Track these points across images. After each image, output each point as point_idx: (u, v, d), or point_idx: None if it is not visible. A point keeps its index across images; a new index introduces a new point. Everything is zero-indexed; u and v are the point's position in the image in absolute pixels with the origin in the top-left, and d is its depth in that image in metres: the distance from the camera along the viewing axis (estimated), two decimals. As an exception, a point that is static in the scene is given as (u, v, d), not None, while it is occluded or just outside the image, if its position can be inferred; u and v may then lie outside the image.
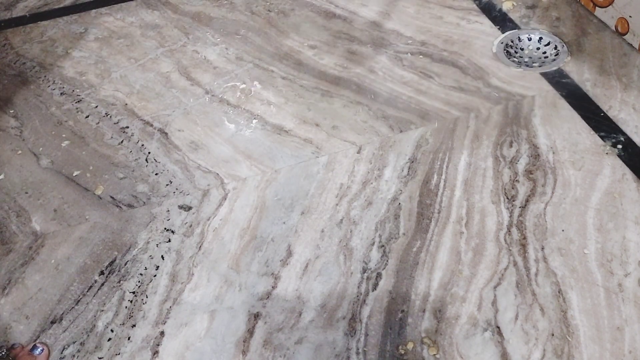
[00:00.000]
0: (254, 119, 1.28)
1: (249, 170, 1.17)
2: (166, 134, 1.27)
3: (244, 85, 1.37)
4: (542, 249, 0.96)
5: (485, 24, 1.48)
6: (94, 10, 1.71)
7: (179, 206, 1.11)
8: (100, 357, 0.90)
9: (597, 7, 1.41)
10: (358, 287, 0.94)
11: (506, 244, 0.97)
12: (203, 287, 0.97)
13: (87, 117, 1.34)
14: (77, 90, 1.41)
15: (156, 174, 1.18)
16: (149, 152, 1.23)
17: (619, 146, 1.10)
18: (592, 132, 1.14)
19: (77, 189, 1.17)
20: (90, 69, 1.48)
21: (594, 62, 1.31)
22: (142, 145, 1.25)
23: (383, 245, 1.00)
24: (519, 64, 1.34)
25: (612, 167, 1.07)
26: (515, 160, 1.11)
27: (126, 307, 0.96)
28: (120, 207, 1.13)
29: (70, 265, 1.03)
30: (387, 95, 1.30)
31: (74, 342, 0.92)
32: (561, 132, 1.15)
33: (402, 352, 0.85)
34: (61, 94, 1.41)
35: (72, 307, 0.96)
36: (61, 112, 1.35)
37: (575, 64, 1.31)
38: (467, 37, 1.44)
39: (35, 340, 0.92)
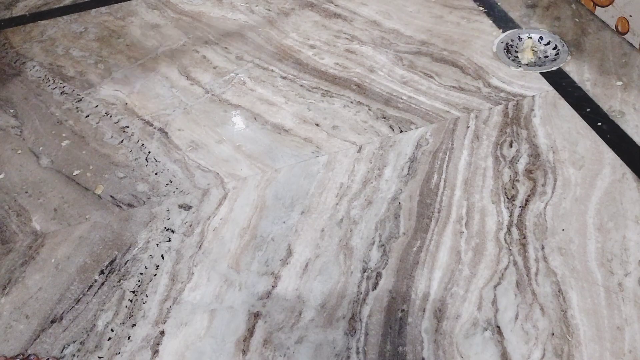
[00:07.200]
0: (254, 118, 1.28)
1: (249, 169, 1.17)
2: (166, 133, 1.27)
3: (244, 85, 1.37)
4: (542, 248, 0.96)
5: (486, 23, 1.48)
6: (94, 10, 1.71)
7: (179, 205, 1.11)
8: (100, 356, 0.90)
9: (597, 7, 1.41)
10: (358, 286, 0.94)
11: (506, 243, 0.97)
12: (203, 287, 0.97)
13: (87, 116, 1.34)
14: (77, 89, 1.41)
15: (156, 174, 1.18)
16: (149, 152, 1.23)
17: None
18: (592, 131, 1.14)
19: (77, 189, 1.17)
20: (90, 69, 1.48)
21: (594, 61, 1.31)
22: (142, 144, 1.25)
23: (383, 245, 1.00)
24: (519, 63, 1.34)
25: (612, 166, 1.07)
26: (515, 160, 1.11)
27: (126, 306, 0.96)
28: (120, 206, 1.13)
29: (71, 265, 1.03)
30: (387, 95, 1.30)
31: (74, 342, 0.92)
32: (561, 131, 1.15)
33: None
34: (61, 93, 1.41)
35: (72, 307, 0.96)
36: (61, 112, 1.35)
37: (575, 63, 1.31)
38: (467, 37, 1.44)
39: (33, 341, 0.92)
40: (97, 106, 1.36)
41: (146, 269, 1.01)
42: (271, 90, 1.35)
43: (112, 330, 0.93)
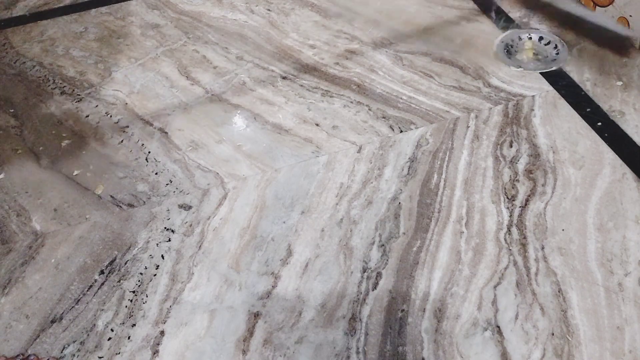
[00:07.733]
0: (254, 118, 1.28)
1: (249, 169, 1.17)
2: (166, 133, 1.27)
3: (244, 85, 1.37)
4: (542, 248, 0.96)
5: (486, 23, 1.48)
6: (93, 10, 1.70)
7: (179, 205, 1.11)
8: (100, 356, 0.90)
9: (597, 7, 1.41)
10: (358, 286, 0.94)
11: (506, 243, 0.97)
12: (203, 287, 0.97)
13: (87, 116, 1.34)
14: (77, 89, 1.41)
15: (156, 174, 1.18)
16: (149, 152, 1.23)
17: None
18: (592, 131, 1.14)
19: (77, 189, 1.17)
20: (90, 69, 1.48)
21: (594, 61, 1.31)
22: (142, 144, 1.25)
23: (383, 245, 1.00)
24: (519, 64, 1.34)
25: (612, 166, 1.07)
26: (515, 160, 1.11)
27: (126, 306, 0.96)
28: (120, 206, 1.13)
29: (71, 265, 1.03)
30: (387, 95, 1.30)
31: (74, 342, 0.92)
32: (561, 131, 1.15)
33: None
34: (61, 93, 1.41)
35: (72, 307, 0.96)
36: (61, 112, 1.35)
37: (575, 63, 1.31)
38: (467, 36, 1.44)
39: (33, 341, 0.92)
40: (97, 106, 1.36)
41: (146, 269, 1.01)
42: (271, 90, 1.35)
43: (112, 330, 0.93)
